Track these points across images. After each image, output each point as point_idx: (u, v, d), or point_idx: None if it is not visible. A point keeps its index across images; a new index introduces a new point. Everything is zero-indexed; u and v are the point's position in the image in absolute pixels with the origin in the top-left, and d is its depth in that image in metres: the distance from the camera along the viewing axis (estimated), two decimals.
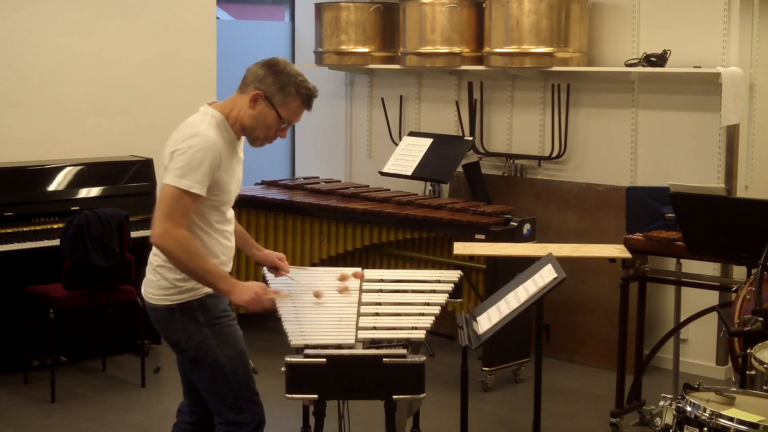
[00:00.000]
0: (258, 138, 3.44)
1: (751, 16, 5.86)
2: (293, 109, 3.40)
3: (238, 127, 3.41)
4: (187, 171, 3.24)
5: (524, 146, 6.76)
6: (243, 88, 3.42)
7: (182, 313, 3.38)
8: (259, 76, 3.38)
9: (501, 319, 3.60)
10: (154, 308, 3.44)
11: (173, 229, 3.23)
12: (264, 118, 3.38)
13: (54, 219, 5.76)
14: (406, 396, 3.21)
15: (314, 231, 6.44)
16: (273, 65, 3.39)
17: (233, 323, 3.49)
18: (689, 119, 6.03)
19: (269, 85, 3.36)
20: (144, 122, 6.52)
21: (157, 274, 3.41)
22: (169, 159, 3.30)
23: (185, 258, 3.25)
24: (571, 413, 5.39)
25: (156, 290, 3.41)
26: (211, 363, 3.40)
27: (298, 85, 3.37)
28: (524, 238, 5.78)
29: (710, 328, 5.86)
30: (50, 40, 6.16)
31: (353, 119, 7.77)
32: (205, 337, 3.39)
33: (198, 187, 3.25)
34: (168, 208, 3.24)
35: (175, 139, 3.34)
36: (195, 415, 3.63)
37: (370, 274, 3.81)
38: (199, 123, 3.35)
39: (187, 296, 3.38)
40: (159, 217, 3.24)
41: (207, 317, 3.40)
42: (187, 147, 3.26)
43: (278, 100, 3.37)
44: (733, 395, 3.08)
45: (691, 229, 4.56)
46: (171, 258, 3.28)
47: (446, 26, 6.60)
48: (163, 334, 3.50)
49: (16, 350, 5.77)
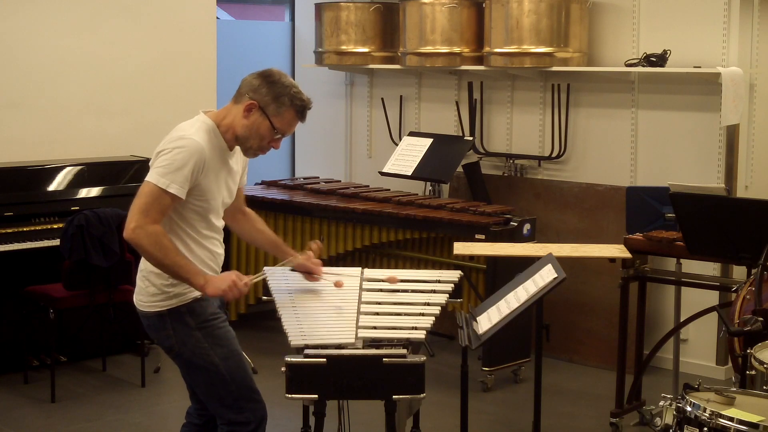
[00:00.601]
0: (251, 148, 3.46)
1: (751, 16, 5.86)
2: (287, 120, 3.42)
3: (231, 135, 3.43)
4: (167, 170, 3.27)
5: (524, 146, 6.76)
6: (237, 97, 3.45)
7: (172, 318, 3.41)
8: (254, 86, 3.41)
9: (501, 319, 3.60)
10: (144, 315, 3.48)
11: (147, 224, 3.24)
12: (258, 128, 3.41)
13: (54, 219, 5.76)
14: (406, 396, 3.21)
15: (314, 231, 6.44)
16: (268, 76, 3.42)
17: (224, 325, 3.50)
18: (689, 119, 6.03)
19: (263, 96, 3.39)
20: (144, 122, 6.52)
21: (146, 280, 3.43)
22: (154, 158, 3.35)
23: (157, 253, 3.26)
24: (571, 413, 5.39)
25: (145, 297, 3.44)
26: (205, 366, 3.42)
27: (292, 96, 3.40)
28: (524, 238, 5.78)
29: (710, 328, 5.87)
30: (50, 40, 6.16)
31: (353, 119, 7.77)
32: (197, 341, 3.41)
33: (176, 188, 3.27)
34: (144, 204, 3.26)
35: (164, 140, 3.38)
36: (202, 418, 3.66)
37: (369, 274, 3.81)
38: (188, 127, 3.39)
39: (176, 301, 3.40)
40: (134, 212, 3.26)
41: (196, 321, 3.42)
42: (172, 148, 3.31)
43: (272, 111, 3.39)
44: (733, 395, 3.08)
45: (691, 229, 4.56)
46: (144, 253, 3.30)
47: (446, 26, 6.60)
48: (156, 340, 3.53)
49: (16, 350, 5.77)
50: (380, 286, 3.72)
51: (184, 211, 3.38)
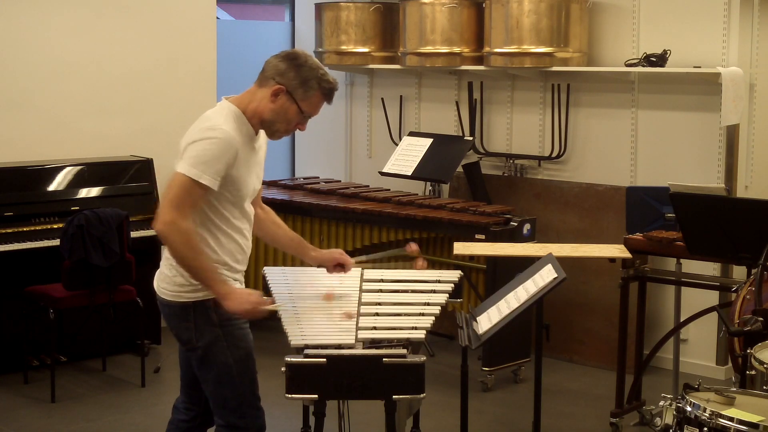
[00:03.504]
0: (278, 131, 3.40)
1: (751, 16, 5.86)
2: (314, 103, 3.36)
3: (257, 120, 3.36)
4: (199, 161, 3.18)
5: (524, 146, 6.76)
6: (262, 81, 3.37)
7: (196, 311, 3.33)
8: (281, 69, 3.34)
9: (501, 319, 3.60)
10: (167, 304, 3.38)
11: (180, 219, 3.16)
12: (285, 112, 3.34)
13: (54, 219, 5.76)
14: (406, 396, 3.21)
15: (314, 231, 6.44)
16: (294, 58, 3.36)
17: (245, 326, 3.42)
18: (689, 119, 6.03)
19: (291, 80, 3.32)
20: (144, 122, 6.52)
21: (173, 269, 3.33)
22: (183, 150, 3.26)
23: (188, 252, 3.19)
24: (571, 413, 5.39)
25: (171, 286, 3.35)
26: (219, 364, 3.36)
27: (319, 78, 3.33)
28: (524, 238, 5.78)
29: (710, 328, 5.87)
30: (50, 40, 6.16)
31: (353, 119, 7.77)
32: (217, 338, 3.34)
33: (208, 179, 3.19)
34: (177, 196, 3.18)
35: (192, 130, 3.29)
36: (190, 413, 3.60)
37: (369, 274, 3.81)
38: (216, 116, 3.30)
39: (202, 295, 3.31)
40: (166, 204, 3.18)
41: (220, 318, 3.33)
42: (203, 138, 3.22)
43: (300, 95, 3.33)
44: (733, 395, 3.08)
45: (691, 229, 4.57)
46: (172, 249, 3.22)
47: (446, 26, 6.60)
48: (174, 331, 3.43)
49: (16, 350, 5.77)
50: (380, 287, 3.72)
51: (216, 201, 3.30)
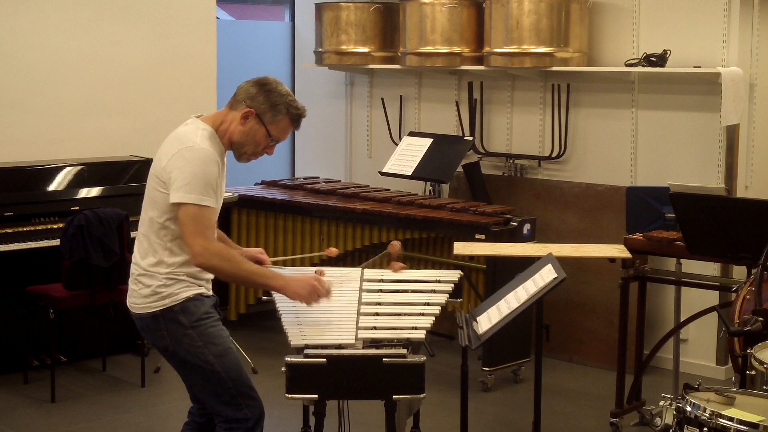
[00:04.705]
0: (246, 153, 3.53)
1: (751, 16, 5.86)
2: (282, 128, 3.51)
3: (227, 140, 3.50)
4: (194, 188, 3.30)
5: (524, 146, 6.76)
6: (233, 104, 3.51)
7: (165, 318, 3.44)
8: (251, 93, 3.48)
9: (501, 319, 3.60)
10: (138, 317, 3.53)
11: (208, 244, 3.32)
12: (254, 134, 3.48)
13: (54, 219, 5.75)
14: (406, 396, 3.21)
15: (314, 231, 6.44)
16: (264, 84, 3.50)
17: (218, 323, 3.52)
18: (689, 119, 6.03)
19: (261, 104, 3.47)
20: (144, 122, 6.52)
21: (138, 283, 3.48)
22: (165, 174, 3.35)
23: (231, 268, 3.35)
24: (571, 413, 5.39)
25: (138, 299, 3.49)
26: (201, 364, 3.44)
27: (288, 104, 3.49)
28: (524, 238, 5.78)
29: (710, 328, 5.87)
30: (50, 41, 6.16)
31: (353, 119, 7.77)
32: (191, 340, 3.44)
33: (210, 200, 3.33)
34: (194, 227, 3.31)
35: (170, 154, 3.38)
36: (204, 416, 3.67)
37: (369, 275, 3.81)
38: (191, 136, 3.40)
39: (169, 302, 3.43)
40: (189, 237, 3.31)
41: (190, 320, 3.44)
42: (186, 162, 3.33)
43: (268, 118, 3.47)
44: (733, 395, 3.08)
45: (691, 229, 4.56)
46: (218, 272, 3.38)
47: (446, 26, 6.60)
48: (151, 341, 3.58)
49: (16, 350, 5.77)
50: (380, 287, 3.72)
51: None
